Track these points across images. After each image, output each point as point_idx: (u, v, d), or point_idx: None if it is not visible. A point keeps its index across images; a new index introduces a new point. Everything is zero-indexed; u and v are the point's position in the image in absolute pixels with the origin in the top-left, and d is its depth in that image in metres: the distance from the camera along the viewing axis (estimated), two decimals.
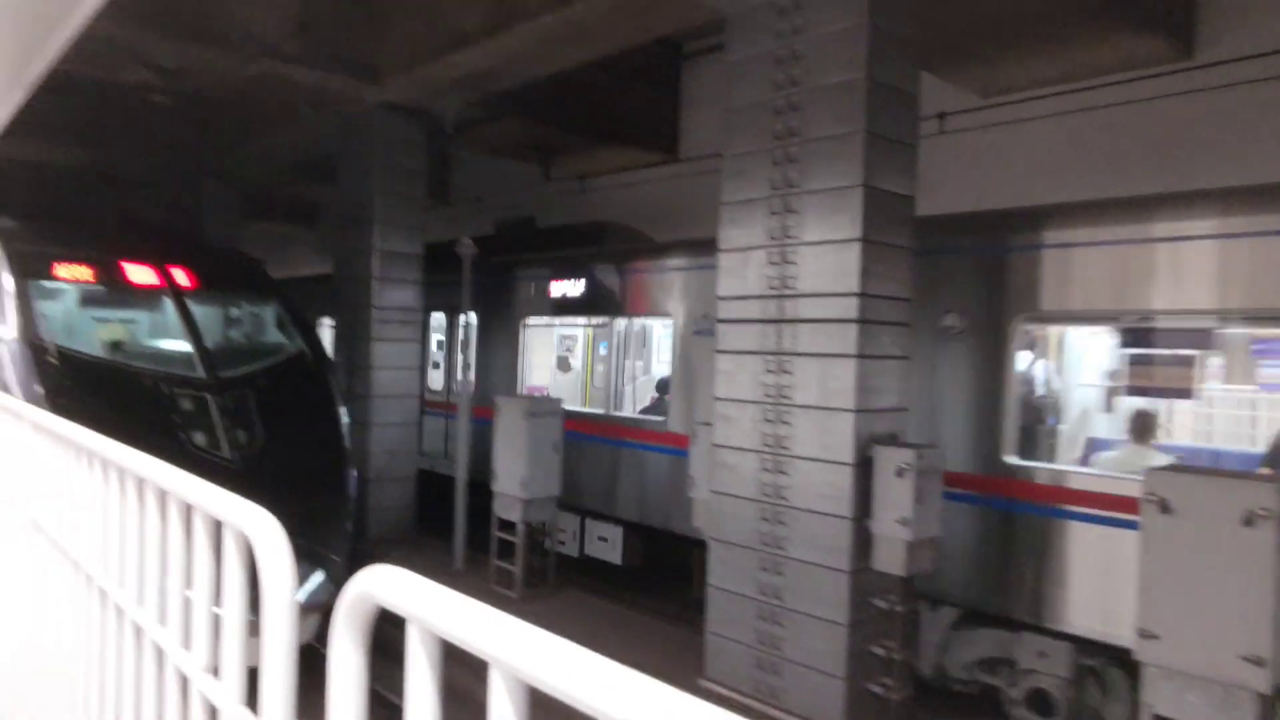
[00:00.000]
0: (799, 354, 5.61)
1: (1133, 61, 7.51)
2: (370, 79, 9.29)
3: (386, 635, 1.26)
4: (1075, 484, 5.79)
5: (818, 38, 5.50)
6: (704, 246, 7.47)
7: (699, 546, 7.24)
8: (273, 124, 11.67)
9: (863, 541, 5.40)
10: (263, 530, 1.34)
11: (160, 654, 1.75)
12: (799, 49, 5.59)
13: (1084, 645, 5.63)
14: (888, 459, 5.32)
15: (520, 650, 0.85)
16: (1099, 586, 5.54)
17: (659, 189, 12.09)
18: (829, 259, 5.45)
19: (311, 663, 1.30)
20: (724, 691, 5.93)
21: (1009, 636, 5.97)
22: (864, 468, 5.38)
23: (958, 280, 6.43)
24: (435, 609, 0.96)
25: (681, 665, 6.48)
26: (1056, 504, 5.78)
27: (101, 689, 2.08)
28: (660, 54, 11.13)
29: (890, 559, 5.33)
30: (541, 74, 9.10)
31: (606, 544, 9.20)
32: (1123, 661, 5.33)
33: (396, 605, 1.02)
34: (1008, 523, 6.01)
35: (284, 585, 1.28)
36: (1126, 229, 5.63)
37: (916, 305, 5.83)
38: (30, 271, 7.66)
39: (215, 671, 1.54)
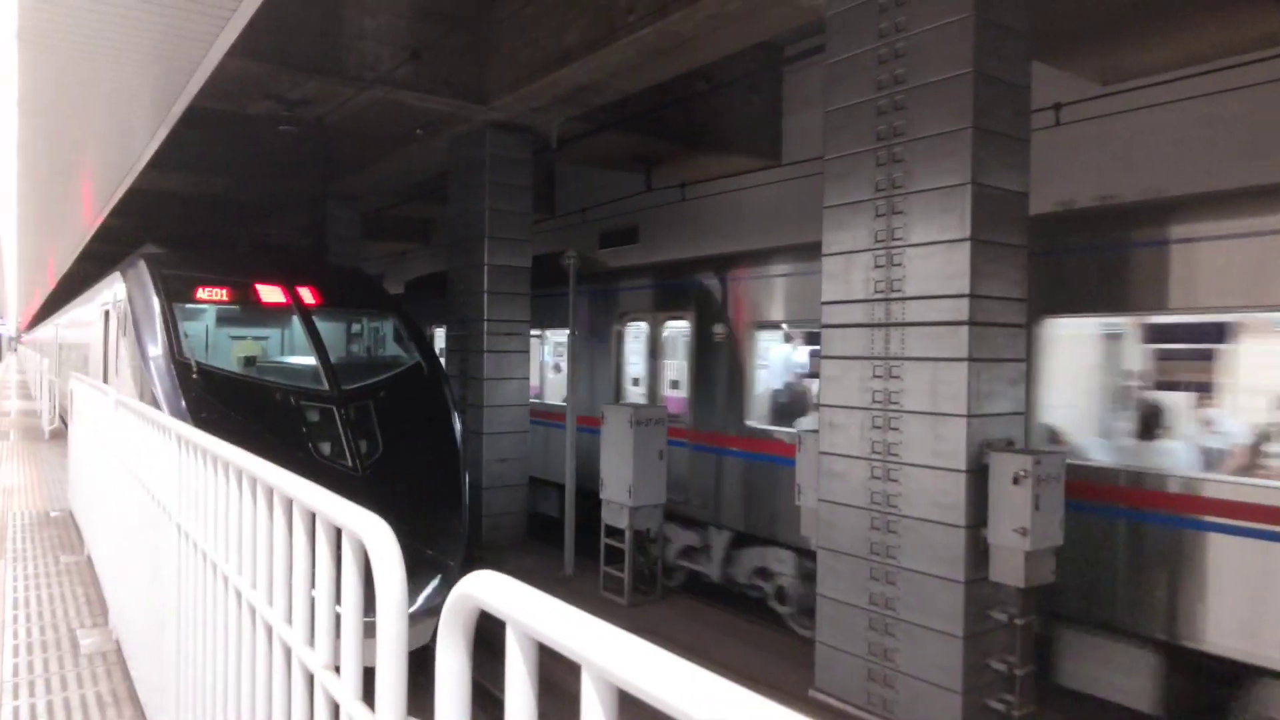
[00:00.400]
0: (907, 358, 5.48)
1: (1275, 38, 7.00)
2: (478, 100, 9.62)
3: (496, 634, 1.31)
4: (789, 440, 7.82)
5: (922, 34, 5.38)
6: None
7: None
8: (389, 147, 12.23)
9: (979, 551, 5.22)
10: (376, 535, 1.42)
11: (288, 651, 1.88)
12: (901, 47, 5.48)
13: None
14: (1004, 465, 5.12)
15: (609, 653, 0.88)
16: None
17: (761, 194, 12.03)
18: (937, 260, 5.31)
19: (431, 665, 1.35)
20: (835, 703, 5.83)
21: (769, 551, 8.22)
22: (979, 474, 5.20)
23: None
24: (531, 612, 1.00)
25: (793, 675, 6.42)
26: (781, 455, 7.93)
27: (239, 681, 2.24)
28: (761, 59, 11.08)
29: (1008, 570, 5.12)
30: (642, 85, 9.21)
31: (550, 502, 11.47)
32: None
33: (495, 608, 1.07)
34: (753, 468, 8.39)
35: (395, 587, 1.36)
36: None
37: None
38: (175, 295, 8.26)
39: (337, 669, 1.65)
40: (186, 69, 5.27)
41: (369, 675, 1.53)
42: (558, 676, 2.10)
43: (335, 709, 1.62)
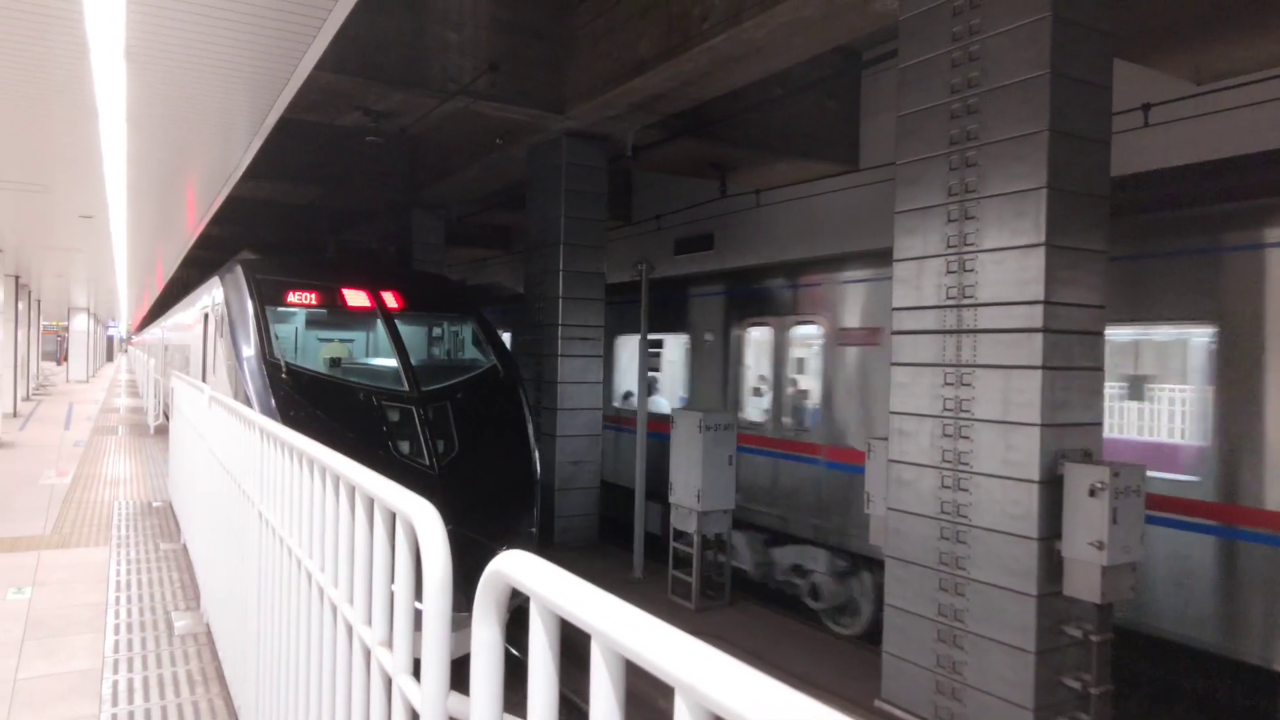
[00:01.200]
0: (979, 366, 5.38)
1: None
2: (555, 109, 9.83)
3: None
4: None
5: (996, 36, 5.29)
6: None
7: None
8: (470, 156, 12.57)
9: (1052, 564, 5.08)
10: (422, 517, 1.52)
11: (350, 629, 2.00)
12: (975, 50, 5.40)
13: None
14: (1080, 476, 4.98)
15: (615, 624, 0.94)
16: None
17: (838, 200, 11.92)
18: (1010, 266, 5.20)
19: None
20: (901, 714, 5.74)
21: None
22: (1052, 485, 5.07)
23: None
24: (551, 587, 1.08)
25: (859, 685, 6.35)
26: None
27: (308, 657, 2.38)
28: (838, 63, 11.00)
29: (1083, 585, 4.97)
30: (717, 93, 9.26)
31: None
32: None
33: (522, 584, 1.15)
34: None
35: (438, 565, 1.45)
36: None
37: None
38: (267, 298, 8.68)
39: (390, 644, 1.75)
40: (279, 82, 5.56)
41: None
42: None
43: (389, 682, 1.73)
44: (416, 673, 1.63)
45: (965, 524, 5.44)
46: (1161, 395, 6.30)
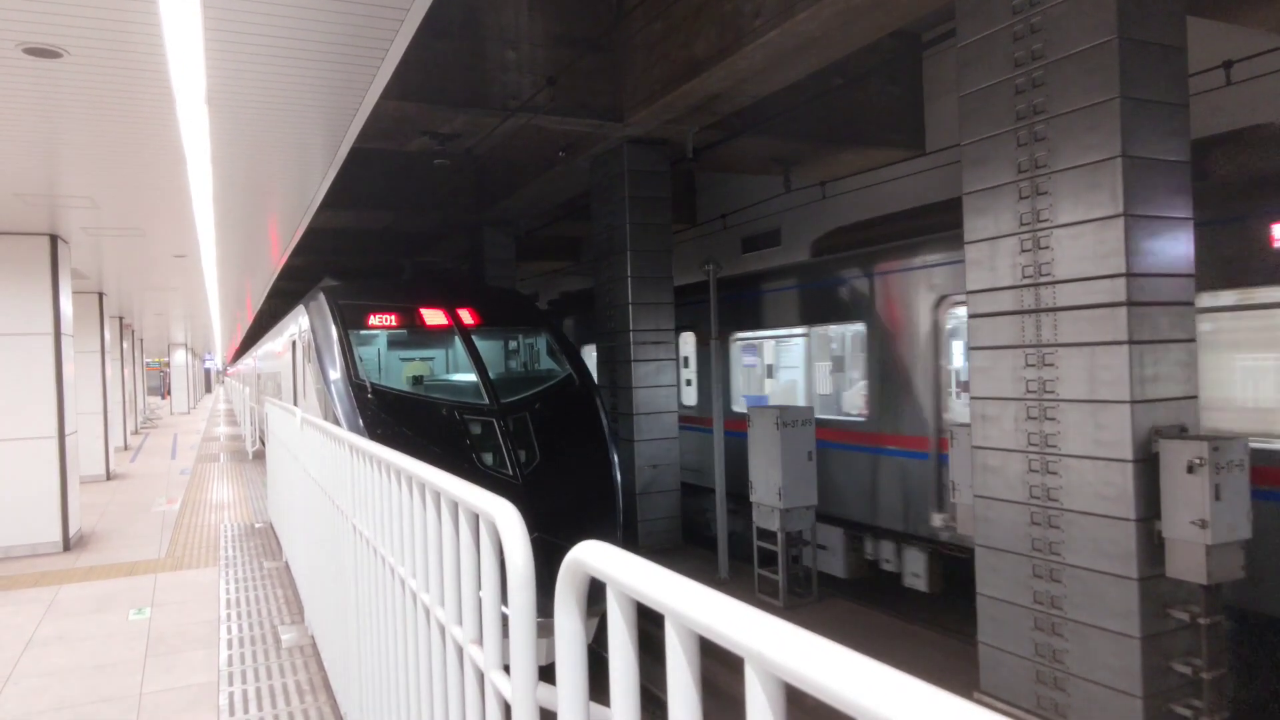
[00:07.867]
0: (1061, 344, 5.23)
1: None
2: (614, 118, 9.92)
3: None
4: None
5: (1060, 5, 5.15)
6: None
7: None
8: (535, 171, 12.79)
9: (1153, 546, 4.90)
10: (503, 515, 1.59)
11: (443, 630, 2.09)
12: (1038, 21, 5.26)
13: None
14: (1176, 453, 4.80)
15: (686, 601, 0.98)
16: None
17: (905, 185, 11.70)
18: (1088, 240, 5.05)
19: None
20: (1002, 706, 5.60)
21: None
22: (1148, 464, 4.89)
23: None
24: (625, 572, 1.12)
25: (956, 678, 6.23)
26: None
27: (404, 658, 2.49)
28: (897, 48, 10.82)
29: (1188, 565, 4.78)
30: (775, 88, 9.21)
31: None
32: None
33: (598, 570, 1.19)
34: None
35: (520, 561, 1.51)
36: None
37: None
38: (350, 323, 9.02)
39: (480, 642, 1.83)
40: (348, 113, 5.79)
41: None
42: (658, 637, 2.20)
43: (480, 676, 1.81)
44: (507, 669, 1.70)
45: (1056, 508, 5.29)
46: None
